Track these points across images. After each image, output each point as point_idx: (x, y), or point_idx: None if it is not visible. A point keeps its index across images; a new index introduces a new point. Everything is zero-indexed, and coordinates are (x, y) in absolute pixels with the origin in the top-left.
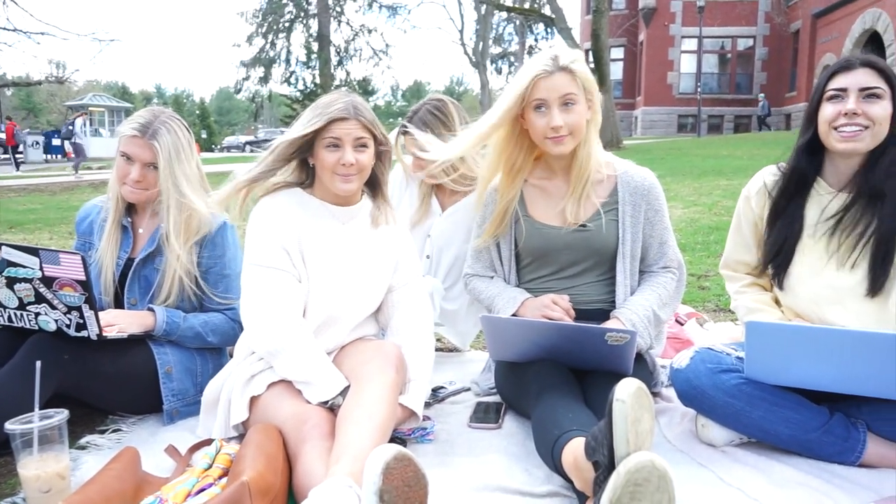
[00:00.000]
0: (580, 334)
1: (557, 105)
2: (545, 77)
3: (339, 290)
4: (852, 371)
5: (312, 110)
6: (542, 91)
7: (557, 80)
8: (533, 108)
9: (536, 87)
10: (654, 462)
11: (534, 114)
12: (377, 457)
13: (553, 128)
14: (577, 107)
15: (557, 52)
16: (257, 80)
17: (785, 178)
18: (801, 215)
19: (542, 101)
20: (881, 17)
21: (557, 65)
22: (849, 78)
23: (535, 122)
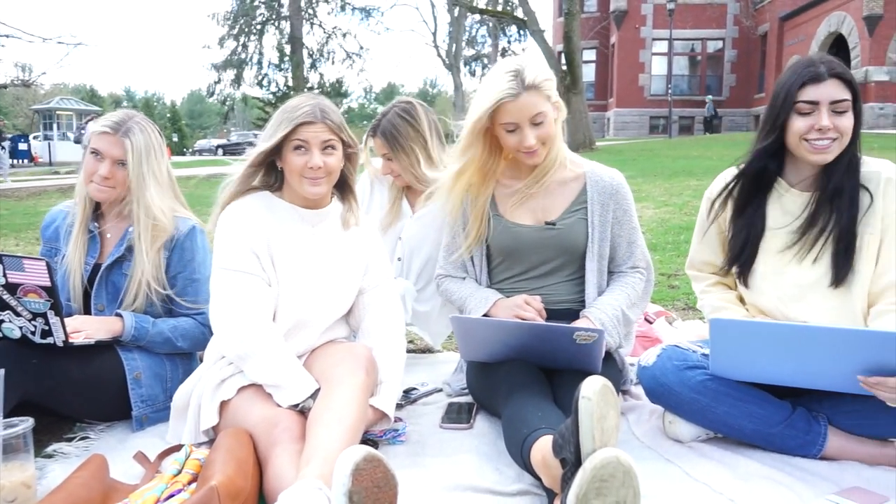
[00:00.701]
0: (549, 333)
1: (528, 126)
2: (511, 101)
3: (310, 293)
4: (813, 366)
5: (280, 114)
6: (512, 115)
7: (525, 101)
8: (503, 129)
9: (504, 111)
10: (619, 458)
11: (505, 133)
12: (346, 458)
13: (527, 146)
14: (547, 119)
15: (519, 66)
16: (229, 83)
17: (746, 179)
18: (762, 214)
19: (512, 124)
20: (846, 20)
21: (522, 85)
22: (819, 90)
23: (507, 140)
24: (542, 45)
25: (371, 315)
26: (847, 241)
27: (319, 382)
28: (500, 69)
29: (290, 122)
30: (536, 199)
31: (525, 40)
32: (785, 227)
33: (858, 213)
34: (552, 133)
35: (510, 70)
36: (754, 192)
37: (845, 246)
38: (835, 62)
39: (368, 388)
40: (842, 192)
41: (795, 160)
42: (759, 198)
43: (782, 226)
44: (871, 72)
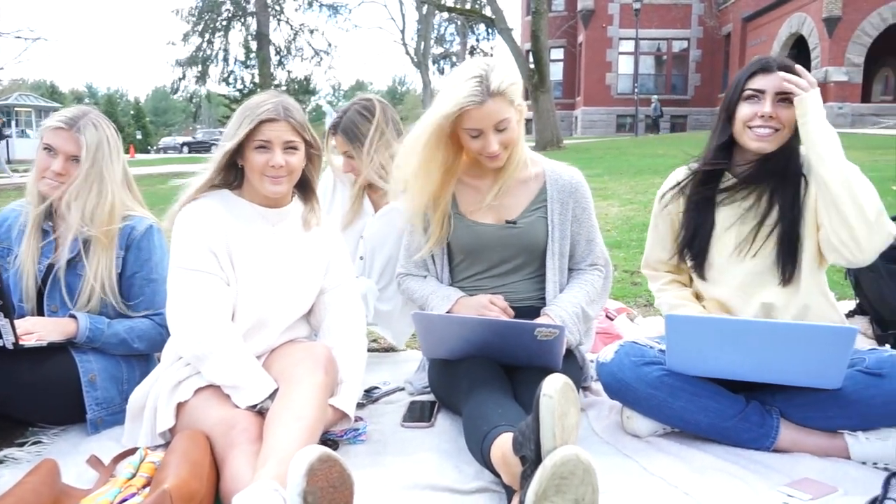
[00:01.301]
0: (510, 330)
1: (492, 132)
2: (476, 108)
3: (270, 292)
4: (765, 360)
5: (242, 112)
6: (476, 121)
7: (489, 108)
8: (467, 133)
9: (468, 117)
10: (578, 456)
11: (468, 138)
12: (301, 458)
13: (491, 152)
14: (511, 124)
15: (484, 70)
16: (194, 80)
17: (700, 174)
18: (713, 209)
19: (476, 130)
20: (806, 21)
21: (487, 92)
22: (767, 80)
23: (470, 144)
24: (510, 44)
25: (332, 315)
26: (790, 237)
27: (278, 382)
28: (464, 73)
29: (253, 120)
30: (497, 197)
31: (493, 38)
32: (737, 221)
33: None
34: (515, 137)
35: (475, 75)
36: (706, 186)
37: (789, 242)
38: (787, 61)
39: (328, 387)
40: (786, 185)
41: (743, 153)
42: (710, 192)
43: (734, 220)
44: (831, 72)
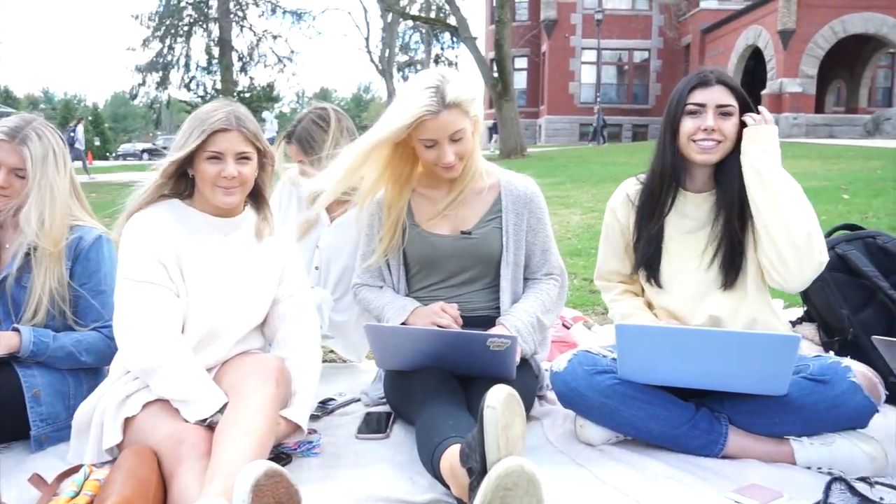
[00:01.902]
0: (463, 340)
1: (447, 142)
2: (431, 118)
3: (221, 303)
4: (713, 368)
5: (192, 121)
6: (431, 132)
7: (445, 118)
8: (421, 144)
9: (424, 128)
10: (523, 467)
11: (423, 148)
12: (247, 474)
13: (446, 163)
14: (466, 135)
15: (440, 81)
16: (154, 86)
17: (649, 185)
18: (662, 221)
19: (431, 140)
20: (762, 33)
21: (443, 102)
22: (707, 94)
23: (425, 154)
24: (474, 53)
25: (286, 326)
26: (732, 244)
27: (228, 395)
28: (420, 83)
29: (204, 130)
30: (452, 208)
31: (458, 47)
32: (685, 231)
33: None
34: (470, 148)
35: (430, 86)
36: (656, 197)
37: (732, 251)
38: (724, 73)
39: (279, 399)
40: (731, 196)
41: (689, 166)
42: (661, 203)
43: (683, 230)
44: (786, 83)
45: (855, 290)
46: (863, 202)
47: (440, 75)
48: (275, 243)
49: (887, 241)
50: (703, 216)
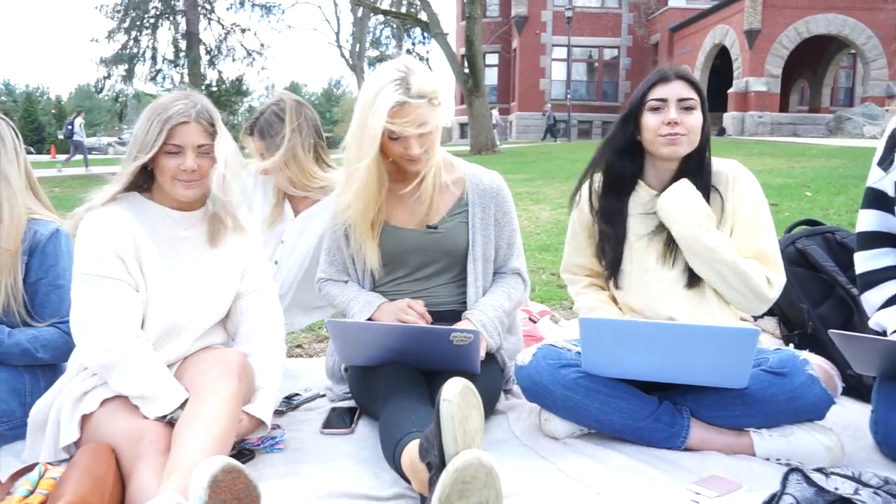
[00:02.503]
0: (426, 336)
1: (414, 135)
2: (398, 109)
3: (182, 298)
4: (675, 361)
5: (150, 113)
6: (397, 125)
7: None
8: (387, 136)
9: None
10: (481, 459)
11: (389, 141)
12: (204, 470)
13: (411, 156)
14: (432, 126)
15: (404, 72)
16: (120, 79)
17: (606, 182)
18: (625, 216)
19: (398, 133)
20: (729, 32)
21: (408, 93)
22: (667, 89)
23: (392, 148)
24: (445, 48)
25: (249, 320)
26: None
27: (189, 391)
28: (384, 76)
29: (164, 124)
30: (418, 202)
31: (429, 43)
32: (646, 228)
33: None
34: (436, 140)
35: (395, 79)
36: (616, 195)
37: None
38: (683, 69)
39: (241, 395)
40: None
41: (654, 162)
42: (621, 200)
43: (644, 228)
44: (751, 82)
45: (814, 284)
46: (825, 199)
47: (404, 66)
48: (238, 236)
49: (846, 236)
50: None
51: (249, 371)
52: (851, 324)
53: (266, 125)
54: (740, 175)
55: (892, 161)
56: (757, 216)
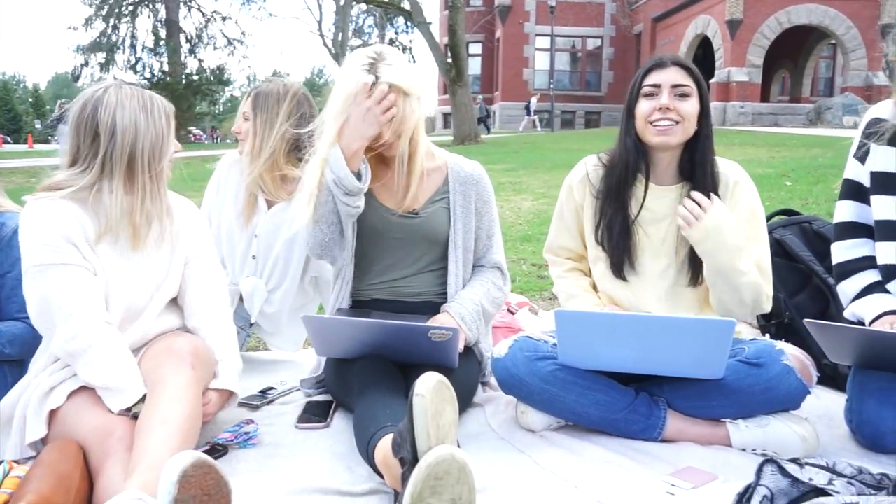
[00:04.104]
0: (404, 332)
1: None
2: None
3: (139, 278)
4: (651, 353)
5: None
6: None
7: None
8: None
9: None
10: (454, 455)
11: None
12: (174, 464)
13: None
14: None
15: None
16: (98, 67)
17: (611, 172)
18: (627, 208)
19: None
20: (710, 23)
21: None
22: (662, 75)
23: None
24: (428, 38)
25: (193, 289)
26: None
27: (147, 385)
28: (356, 60)
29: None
30: (398, 188)
31: (412, 32)
32: (645, 223)
33: None
34: (410, 126)
35: (365, 64)
36: (620, 184)
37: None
38: (680, 57)
39: (198, 381)
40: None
41: (653, 154)
42: (624, 191)
43: (644, 221)
44: (733, 72)
45: (791, 273)
46: (804, 188)
47: (376, 50)
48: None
49: (822, 226)
50: (663, 209)
51: (203, 354)
52: (828, 313)
53: (265, 90)
54: (741, 180)
55: (868, 152)
56: (754, 225)
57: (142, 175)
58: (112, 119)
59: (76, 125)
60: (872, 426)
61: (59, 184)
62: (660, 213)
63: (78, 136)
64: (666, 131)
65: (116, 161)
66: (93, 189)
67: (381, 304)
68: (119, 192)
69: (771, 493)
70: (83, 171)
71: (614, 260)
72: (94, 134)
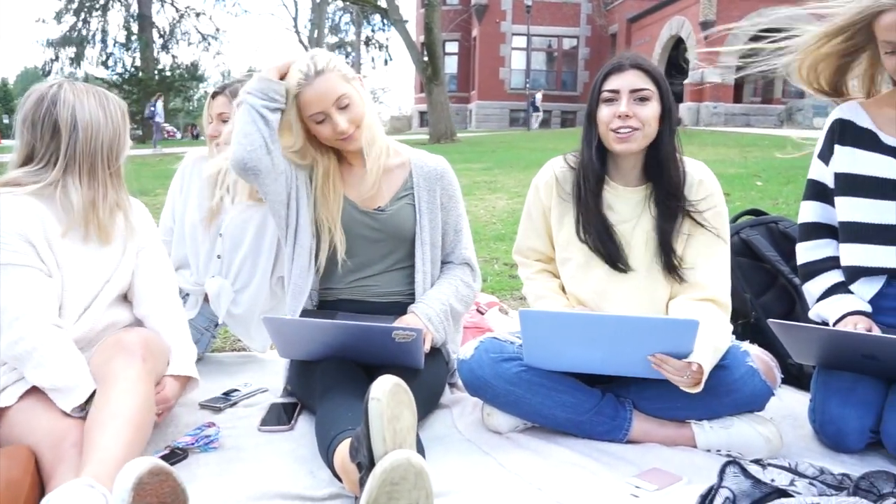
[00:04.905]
0: (367, 333)
1: (336, 111)
2: (308, 87)
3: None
4: (615, 353)
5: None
6: (315, 104)
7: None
8: (313, 122)
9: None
10: (410, 460)
11: (317, 126)
12: (129, 471)
13: (340, 132)
14: (353, 100)
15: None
16: (68, 62)
17: (577, 175)
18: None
19: (321, 113)
20: (684, 24)
21: (315, 69)
22: (620, 80)
23: (322, 132)
24: (404, 36)
25: (142, 278)
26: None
27: (97, 382)
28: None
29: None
30: (361, 186)
31: (389, 30)
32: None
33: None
34: (362, 112)
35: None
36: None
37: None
38: (640, 57)
39: (149, 374)
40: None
41: (615, 157)
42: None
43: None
44: (706, 73)
45: (757, 273)
46: (774, 188)
47: (308, 56)
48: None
49: (788, 226)
50: (629, 210)
51: (154, 346)
52: (793, 313)
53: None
54: (706, 179)
55: (832, 154)
56: (716, 225)
57: (103, 170)
58: (72, 115)
59: (32, 121)
60: (835, 426)
61: (18, 180)
62: (625, 215)
63: (35, 133)
64: (626, 138)
65: (79, 157)
66: (57, 186)
67: (348, 304)
68: (84, 188)
69: (733, 495)
70: (44, 168)
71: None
72: (53, 130)
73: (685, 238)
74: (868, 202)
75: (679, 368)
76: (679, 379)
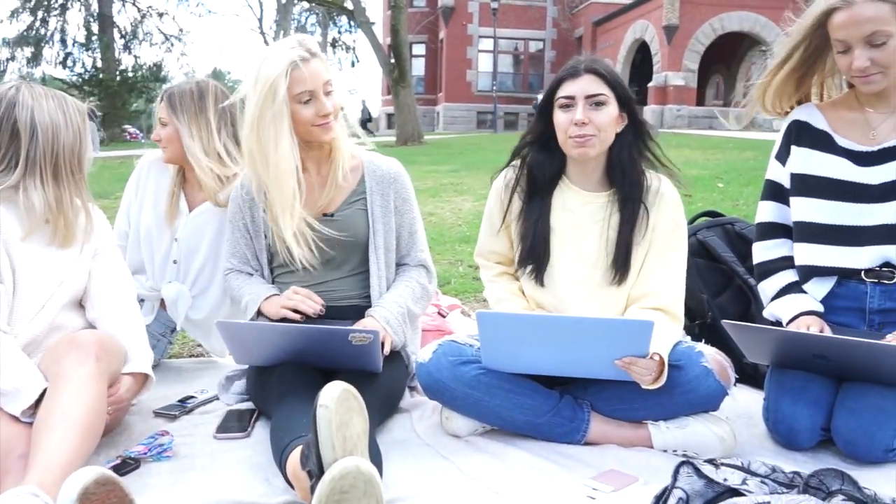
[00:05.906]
0: (323, 336)
1: (323, 93)
2: (304, 66)
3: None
4: (571, 355)
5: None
6: (307, 82)
7: (316, 66)
8: (297, 102)
9: (299, 80)
10: (359, 467)
11: (300, 106)
12: (74, 480)
13: (325, 113)
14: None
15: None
16: (25, 62)
17: (527, 177)
18: (548, 214)
19: (308, 93)
20: (648, 28)
21: (310, 51)
22: (575, 85)
23: (304, 114)
24: (371, 37)
25: (97, 281)
26: (626, 248)
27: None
28: (280, 44)
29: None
30: (314, 191)
31: (355, 32)
32: (566, 227)
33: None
34: (340, 104)
35: (292, 44)
36: (538, 189)
37: (624, 252)
38: (598, 61)
39: (103, 374)
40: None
41: (573, 160)
42: (545, 196)
43: (564, 225)
44: (670, 77)
45: (714, 274)
46: (735, 190)
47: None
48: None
49: (744, 227)
50: (589, 214)
51: (110, 345)
52: (749, 313)
53: (179, 92)
54: (667, 192)
55: (789, 155)
56: (675, 237)
57: (67, 173)
58: (31, 118)
59: None
60: (787, 424)
61: None
62: (586, 219)
63: None
64: (583, 144)
65: (39, 160)
66: (19, 189)
67: None
68: (48, 190)
69: (686, 495)
70: (4, 171)
71: (534, 265)
72: (11, 133)
73: (643, 246)
74: (822, 203)
75: (649, 367)
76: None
